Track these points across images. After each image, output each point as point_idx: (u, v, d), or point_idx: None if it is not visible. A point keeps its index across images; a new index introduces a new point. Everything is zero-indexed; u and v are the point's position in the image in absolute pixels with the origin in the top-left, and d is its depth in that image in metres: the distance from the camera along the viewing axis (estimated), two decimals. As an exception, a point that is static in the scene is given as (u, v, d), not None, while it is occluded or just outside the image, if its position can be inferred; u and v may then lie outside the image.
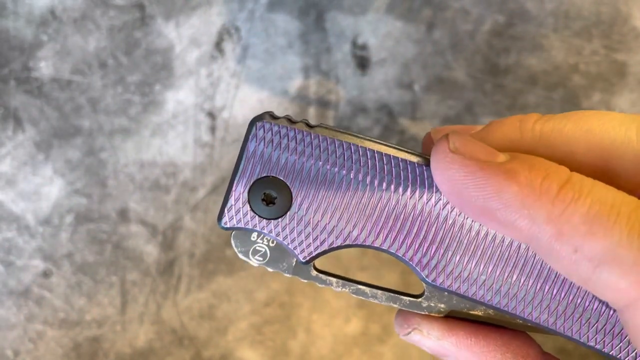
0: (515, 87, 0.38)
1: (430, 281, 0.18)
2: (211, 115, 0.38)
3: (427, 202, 0.18)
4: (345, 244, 0.19)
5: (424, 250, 0.18)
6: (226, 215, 0.19)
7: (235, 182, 0.19)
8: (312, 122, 0.19)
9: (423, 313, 0.19)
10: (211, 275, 0.40)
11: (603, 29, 0.38)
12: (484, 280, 0.18)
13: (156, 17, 0.38)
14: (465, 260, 0.18)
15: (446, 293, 0.19)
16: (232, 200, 0.19)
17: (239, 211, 0.19)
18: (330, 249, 0.19)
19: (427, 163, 0.18)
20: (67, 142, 0.39)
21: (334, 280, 0.20)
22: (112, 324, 0.40)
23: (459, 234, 0.18)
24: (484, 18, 0.38)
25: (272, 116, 0.19)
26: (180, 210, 0.39)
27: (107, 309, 0.40)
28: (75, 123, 0.38)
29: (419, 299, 0.19)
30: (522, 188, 0.16)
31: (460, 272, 0.18)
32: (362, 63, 0.38)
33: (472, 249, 0.18)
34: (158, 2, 0.38)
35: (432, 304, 0.19)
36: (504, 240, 0.18)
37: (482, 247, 0.18)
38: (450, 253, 0.18)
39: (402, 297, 0.20)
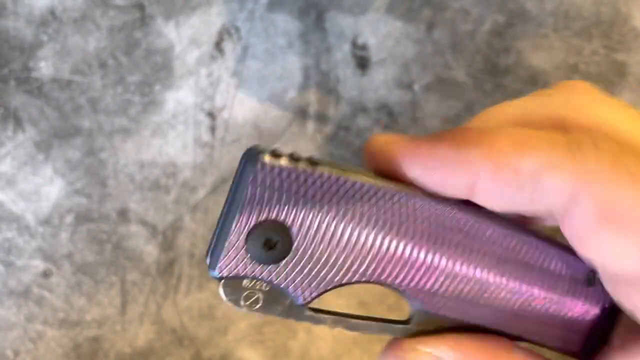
0: (515, 87, 0.38)
1: (422, 309, 0.19)
2: (211, 115, 0.38)
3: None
4: (344, 282, 0.18)
5: (418, 285, 0.18)
6: (222, 262, 0.17)
7: (233, 228, 0.17)
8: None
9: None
10: (211, 275, 0.40)
11: (603, 29, 0.38)
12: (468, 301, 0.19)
13: (156, 17, 0.38)
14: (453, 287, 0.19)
15: (436, 317, 0.19)
16: (227, 247, 0.17)
17: (235, 258, 0.17)
18: (330, 289, 0.18)
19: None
20: (67, 142, 0.39)
21: (328, 318, 0.19)
22: (112, 324, 0.40)
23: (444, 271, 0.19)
24: (484, 18, 0.38)
25: (273, 153, 0.17)
26: (180, 211, 0.39)
27: (107, 309, 0.40)
28: (75, 123, 0.39)
29: (409, 325, 0.20)
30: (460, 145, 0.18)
31: (447, 299, 0.19)
32: (362, 63, 0.38)
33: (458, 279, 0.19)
34: (158, 2, 0.38)
35: (423, 329, 0.20)
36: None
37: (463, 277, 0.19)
38: (439, 284, 0.19)
39: (393, 325, 0.20)
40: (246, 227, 0.17)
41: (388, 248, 0.18)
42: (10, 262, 0.39)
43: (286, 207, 0.17)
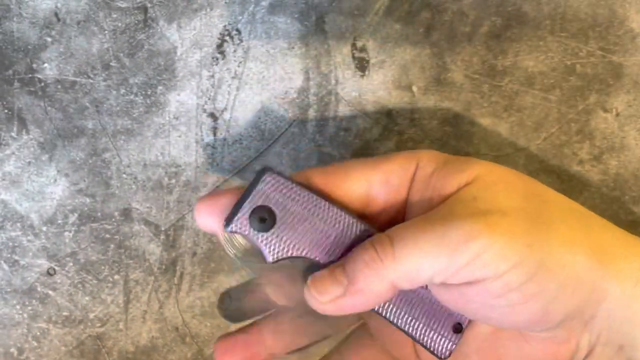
0: (512, 88, 0.38)
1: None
2: (213, 116, 0.38)
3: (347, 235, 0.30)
4: (300, 256, 0.29)
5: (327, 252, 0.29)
6: (233, 224, 0.29)
7: (245, 204, 0.28)
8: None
9: None
10: (213, 274, 0.40)
11: (599, 30, 0.38)
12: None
13: (159, 19, 0.38)
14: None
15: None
16: (239, 215, 0.29)
17: (241, 223, 0.29)
18: (290, 258, 0.29)
19: (365, 232, 0.29)
20: (70, 143, 0.39)
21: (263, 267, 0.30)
22: (115, 322, 0.40)
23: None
24: (482, 20, 0.38)
25: (276, 172, 0.29)
26: (183, 210, 0.39)
27: (110, 308, 0.40)
28: (79, 124, 0.39)
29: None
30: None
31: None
32: (362, 65, 0.38)
33: None
34: (160, 4, 0.38)
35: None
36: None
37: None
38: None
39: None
40: (252, 206, 0.29)
41: (323, 235, 0.29)
42: (14, 261, 0.39)
43: (276, 201, 0.29)
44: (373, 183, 0.30)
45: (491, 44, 0.38)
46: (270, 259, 0.29)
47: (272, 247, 0.29)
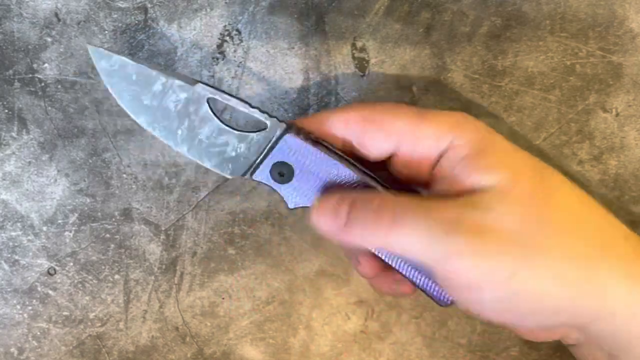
0: (512, 88, 0.38)
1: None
2: (213, 116, 0.38)
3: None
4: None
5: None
6: (257, 175, 0.32)
7: (267, 159, 0.32)
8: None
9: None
10: (213, 274, 0.40)
11: (599, 31, 0.38)
12: None
13: (159, 19, 0.38)
14: None
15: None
16: (262, 167, 0.32)
17: (264, 174, 0.32)
18: (305, 206, 0.32)
19: (363, 177, 0.32)
20: (71, 143, 0.39)
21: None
22: (115, 322, 0.40)
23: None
24: (482, 20, 0.38)
25: (297, 129, 0.32)
26: (183, 210, 0.39)
27: (110, 307, 0.40)
28: (79, 124, 0.39)
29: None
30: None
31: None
32: (362, 65, 0.38)
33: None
34: (161, 5, 0.38)
35: None
36: None
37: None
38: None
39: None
40: (273, 161, 0.32)
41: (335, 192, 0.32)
42: (14, 261, 0.39)
43: (294, 158, 0.32)
44: (403, 142, 0.31)
45: (491, 44, 0.38)
46: (290, 205, 0.33)
47: (290, 197, 0.32)
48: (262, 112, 0.32)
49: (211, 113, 0.32)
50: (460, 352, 0.41)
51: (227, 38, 0.38)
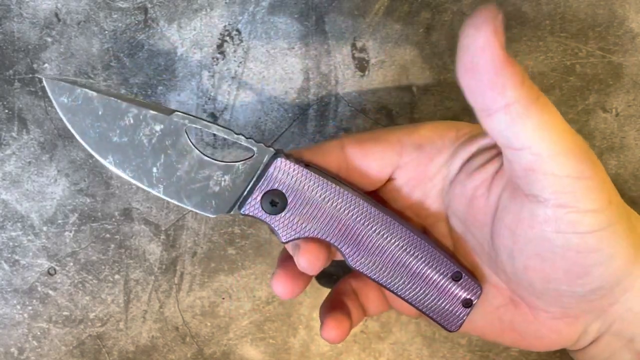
0: (512, 88, 0.38)
1: (352, 265, 0.31)
2: (213, 116, 0.38)
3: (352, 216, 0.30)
4: (313, 237, 0.30)
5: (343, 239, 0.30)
6: (245, 207, 0.29)
7: (257, 189, 0.29)
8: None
9: None
10: (213, 274, 0.40)
11: (599, 31, 0.38)
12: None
13: (159, 19, 0.38)
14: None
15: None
16: (250, 199, 0.29)
17: (253, 206, 0.29)
18: (302, 238, 0.30)
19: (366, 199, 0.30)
20: (71, 143, 0.39)
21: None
22: (115, 322, 0.40)
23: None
24: (482, 20, 0.38)
25: (286, 155, 0.29)
26: (183, 210, 0.39)
27: (110, 307, 0.40)
28: (79, 124, 0.39)
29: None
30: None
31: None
32: (362, 65, 0.38)
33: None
34: (161, 5, 0.38)
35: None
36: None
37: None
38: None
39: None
40: (264, 190, 0.29)
41: (333, 218, 0.30)
42: (15, 261, 0.40)
43: (287, 185, 0.29)
44: (405, 147, 0.31)
45: (491, 44, 0.38)
46: (283, 239, 0.30)
47: (284, 229, 0.29)
48: (247, 138, 0.29)
49: (190, 144, 0.29)
50: (460, 352, 0.41)
51: (227, 38, 0.38)
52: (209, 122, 0.29)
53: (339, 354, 0.41)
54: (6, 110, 0.38)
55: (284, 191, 0.29)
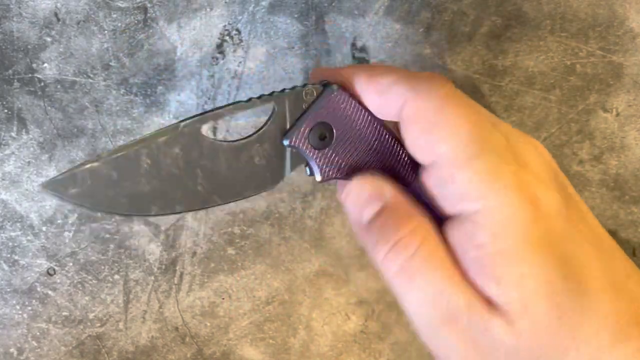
0: (512, 88, 0.39)
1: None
2: (213, 116, 0.38)
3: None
4: (342, 177, 0.27)
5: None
6: (292, 138, 0.27)
7: (308, 118, 0.27)
8: None
9: None
10: (213, 274, 0.40)
11: (599, 30, 0.38)
12: None
13: (158, 19, 0.38)
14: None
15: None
16: (301, 129, 0.27)
17: (300, 139, 0.27)
18: (338, 178, 0.27)
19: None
20: (70, 143, 0.39)
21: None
22: (115, 322, 0.40)
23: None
24: (482, 20, 0.38)
25: (339, 87, 0.27)
26: (182, 210, 0.39)
27: (110, 307, 0.40)
28: (79, 124, 0.39)
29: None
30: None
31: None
32: (362, 64, 0.38)
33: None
34: (160, 4, 0.38)
35: None
36: None
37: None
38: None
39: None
40: (312, 123, 0.27)
41: (367, 163, 0.28)
42: (14, 261, 0.39)
43: (337, 119, 0.27)
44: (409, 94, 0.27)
45: (491, 44, 0.38)
46: (319, 177, 0.27)
47: (324, 166, 0.27)
48: (267, 95, 0.27)
49: (214, 141, 0.27)
50: (460, 352, 0.41)
51: (227, 38, 0.38)
52: (216, 109, 0.26)
53: (339, 354, 0.41)
54: (5, 110, 0.38)
55: (332, 125, 0.27)
